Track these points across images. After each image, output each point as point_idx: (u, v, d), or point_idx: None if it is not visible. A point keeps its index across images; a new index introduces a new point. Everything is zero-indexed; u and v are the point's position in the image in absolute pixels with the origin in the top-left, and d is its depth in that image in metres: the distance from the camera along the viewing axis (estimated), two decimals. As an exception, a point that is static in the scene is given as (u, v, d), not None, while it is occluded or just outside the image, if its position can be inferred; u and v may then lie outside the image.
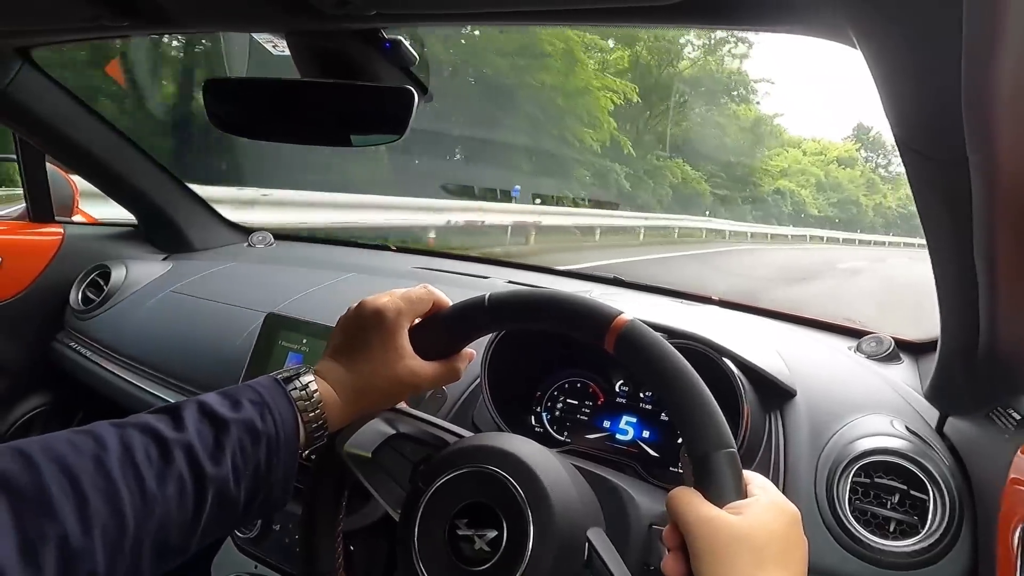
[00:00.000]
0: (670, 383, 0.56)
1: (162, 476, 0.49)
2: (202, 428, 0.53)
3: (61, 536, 0.43)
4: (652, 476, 0.84)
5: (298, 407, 0.59)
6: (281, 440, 0.56)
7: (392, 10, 0.71)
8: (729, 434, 0.54)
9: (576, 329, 0.61)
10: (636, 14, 0.61)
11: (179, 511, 0.50)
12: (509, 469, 0.59)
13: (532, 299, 0.64)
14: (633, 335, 0.58)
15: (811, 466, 0.83)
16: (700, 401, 0.54)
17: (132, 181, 1.56)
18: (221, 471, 0.52)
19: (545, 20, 0.69)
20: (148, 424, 0.51)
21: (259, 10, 0.74)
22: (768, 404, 0.90)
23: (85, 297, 1.55)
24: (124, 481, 0.47)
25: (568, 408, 1.01)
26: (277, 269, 1.59)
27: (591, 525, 0.60)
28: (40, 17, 0.89)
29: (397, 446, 0.66)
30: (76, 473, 0.45)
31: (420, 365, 0.64)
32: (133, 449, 0.49)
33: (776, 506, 0.52)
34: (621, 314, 0.59)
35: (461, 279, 1.45)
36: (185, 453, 0.51)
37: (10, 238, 1.52)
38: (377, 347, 0.63)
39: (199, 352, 1.28)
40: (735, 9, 0.58)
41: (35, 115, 1.30)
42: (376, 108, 0.77)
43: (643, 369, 0.57)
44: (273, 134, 0.85)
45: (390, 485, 0.66)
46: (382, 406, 0.67)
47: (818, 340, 1.14)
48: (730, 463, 0.53)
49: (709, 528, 0.49)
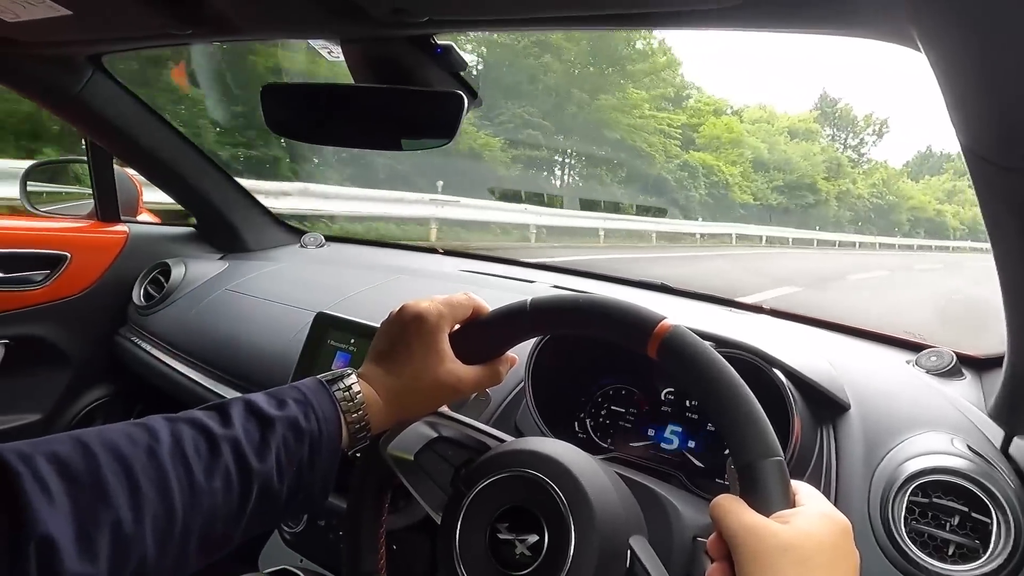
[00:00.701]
0: (715, 390, 0.54)
1: (210, 469, 0.51)
2: (248, 425, 0.55)
3: (115, 522, 0.45)
4: (697, 487, 0.83)
5: (341, 407, 0.60)
6: (324, 439, 0.57)
7: (444, 16, 0.72)
8: (776, 442, 0.52)
9: (618, 334, 0.60)
10: (696, 17, 0.60)
11: (225, 503, 0.52)
12: (550, 473, 0.59)
13: (574, 304, 0.63)
14: (677, 341, 0.56)
15: (864, 483, 0.80)
16: (746, 408, 0.53)
17: (193, 183, 1.62)
18: (266, 466, 0.54)
19: (602, 24, 0.68)
20: (198, 420, 0.53)
21: (316, 18, 0.76)
22: (820, 417, 0.87)
23: (147, 293, 1.62)
24: (174, 472, 0.49)
25: (612, 415, 1.00)
26: (327, 270, 1.63)
27: (634, 532, 0.60)
28: (112, 27, 0.94)
29: (439, 449, 0.67)
30: (130, 462, 0.47)
31: (461, 369, 0.65)
32: (183, 442, 0.51)
33: (825, 516, 0.50)
34: (664, 319, 0.58)
35: (507, 283, 1.45)
36: (232, 448, 0.52)
37: (80, 236, 1.60)
38: (418, 351, 0.64)
39: (251, 349, 1.32)
40: (796, 12, 0.57)
41: (105, 119, 1.36)
42: (427, 112, 0.78)
43: (687, 376, 0.56)
44: (327, 138, 0.87)
45: (431, 488, 0.66)
46: (424, 409, 0.67)
47: (874, 353, 1.10)
48: (777, 471, 0.51)
49: (754, 537, 0.48)
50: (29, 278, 1.48)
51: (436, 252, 1.87)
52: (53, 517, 0.42)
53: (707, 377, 0.55)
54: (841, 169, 32.98)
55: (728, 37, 48.58)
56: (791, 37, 7.08)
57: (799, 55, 39.00)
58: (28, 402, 1.54)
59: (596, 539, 0.56)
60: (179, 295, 1.58)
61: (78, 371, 1.61)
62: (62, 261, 1.53)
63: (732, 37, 25.97)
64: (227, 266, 1.68)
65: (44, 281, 1.50)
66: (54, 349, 1.55)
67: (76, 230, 1.61)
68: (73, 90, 1.25)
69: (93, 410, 1.65)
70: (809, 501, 0.51)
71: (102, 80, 1.28)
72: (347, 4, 0.68)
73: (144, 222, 1.77)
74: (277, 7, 0.78)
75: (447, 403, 0.69)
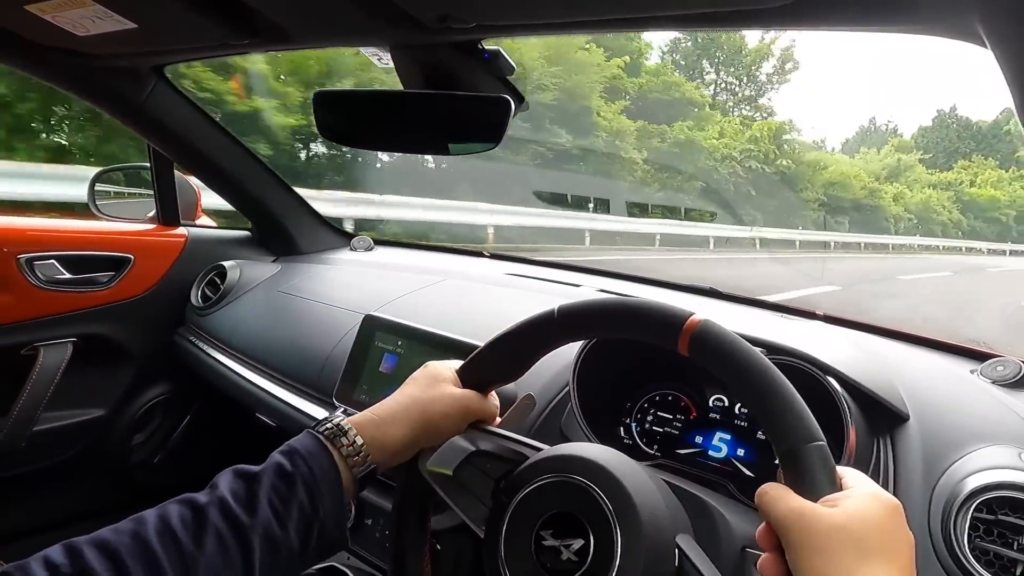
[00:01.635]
0: (749, 380, 0.53)
1: (198, 535, 0.53)
2: (235, 485, 0.57)
3: None
4: (746, 496, 0.81)
5: (331, 444, 0.62)
6: (318, 477, 0.60)
7: (491, 21, 0.72)
8: (816, 426, 0.51)
9: (649, 334, 0.60)
10: (751, 16, 0.59)
11: (226, 565, 0.54)
12: (594, 478, 0.58)
13: (601, 307, 0.63)
14: (707, 335, 0.56)
15: (924, 498, 0.77)
16: (782, 396, 0.52)
17: (249, 188, 1.68)
18: (259, 519, 0.56)
19: (653, 26, 0.68)
20: (186, 497, 0.57)
21: (366, 26, 0.78)
22: (877, 428, 0.84)
23: (204, 295, 1.68)
24: (161, 547, 0.52)
25: (659, 421, 0.99)
26: (376, 272, 1.65)
27: (680, 531, 0.59)
28: (174, 39, 0.98)
29: (478, 463, 0.67)
30: (115, 548, 0.51)
31: (460, 391, 0.69)
32: (169, 518, 0.54)
33: (875, 497, 0.48)
34: (693, 315, 0.57)
35: (553, 287, 1.45)
36: (219, 509, 0.55)
37: (142, 239, 1.67)
38: (422, 382, 0.70)
39: (302, 349, 1.35)
40: (854, 10, 0.55)
41: (166, 127, 1.42)
42: (474, 117, 0.79)
43: (720, 369, 0.55)
44: (377, 143, 0.89)
45: (472, 502, 0.66)
46: (441, 432, 0.68)
47: (934, 361, 1.05)
48: (820, 456, 0.50)
49: (803, 521, 0.47)
50: (96, 279, 1.55)
51: (482, 255, 1.88)
52: None
53: (740, 368, 0.54)
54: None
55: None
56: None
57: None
58: (93, 398, 1.61)
59: (642, 541, 0.55)
60: (234, 296, 1.63)
61: (140, 369, 1.68)
62: (126, 263, 1.59)
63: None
64: (280, 268, 1.73)
65: (109, 282, 1.57)
66: (118, 347, 1.62)
67: (139, 233, 1.68)
68: (138, 99, 1.31)
69: (153, 407, 1.72)
70: (856, 484, 0.50)
71: (164, 89, 1.33)
72: (397, 11, 0.70)
73: (202, 225, 1.83)
74: (329, 16, 0.80)
75: (460, 425, 0.69)
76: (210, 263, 1.73)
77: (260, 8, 0.80)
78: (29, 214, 1.61)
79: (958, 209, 33.91)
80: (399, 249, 1.98)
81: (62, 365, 1.49)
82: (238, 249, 1.83)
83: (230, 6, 0.79)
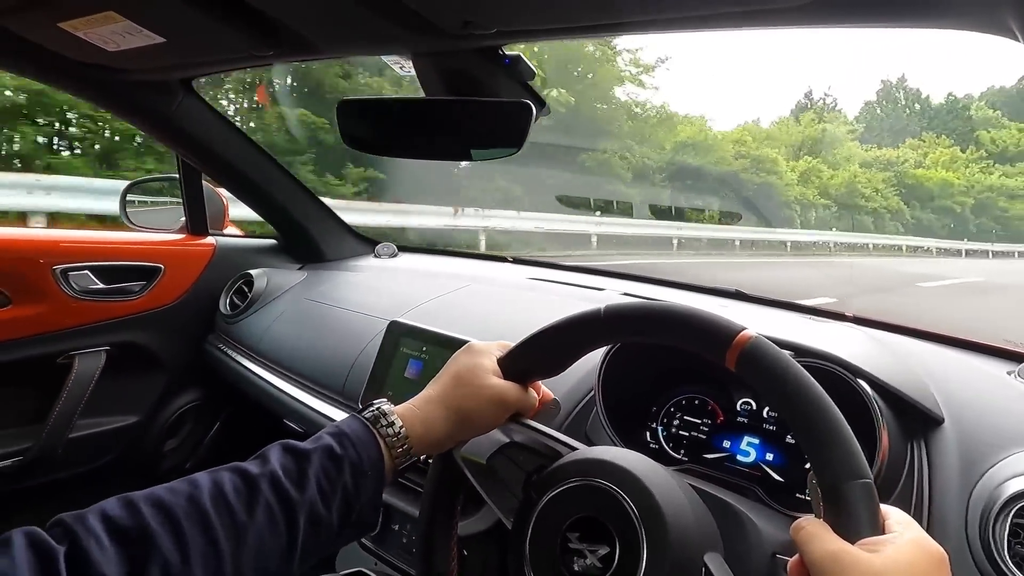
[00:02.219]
0: (797, 405, 0.51)
1: (250, 505, 0.54)
2: (285, 461, 0.58)
3: (163, 563, 0.49)
4: (776, 502, 0.79)
5: (377, 430, 0.63)
6: (365, 463, 0.61)
7: (512, 27, 0.72)
8: (864, 462, 0.49)
9: (695, 343, 0.59)
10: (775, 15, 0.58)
11: (273, 537, 0.55)
12: (622, 484, 0.58)
13: (650, 311, 0.62)
14: (757, 352, 0.54)
15: (961, 504, 0.75)
16: (831, 425, 0.50)
17: (275, 197, 1.70)
18: (307, 496, 0.57)
19: (675, 27, 0.67)
20: (238, 466, 0.58)
21: (388, 34, 0.79)
22: (910, 432, 0.82)
23: (232, 303, 1.71)
24: (215, 512, 0.53)
25: (685, 425, 0.98)
26: (400, 279, 1.67)
27: (708, 548, 0.58)
28: (201, 52, 1.00)
29: (511, 454, 0.67)
30: (172, 509, 0.52)
31: (504, 383, 0.68)
32: (223, 485, 0.55)
33: (918, 545, 0.46)
34: (744, 329, 0.56)
35: (576, 291, 1.44)
36: (270, 483, 0.56)
37: (172, 248, 1.70)
38: (465, 369, 0.68)
39: (328, 355, 1.36)
40: (874, 5, 0.54)
41: (194, 138, 1.45)
42: (496, 122, 0.79)
43: (767, 389, 0.54)
44: (401, 150, 0.89)
45: (503, 492, 0.67)
46: (477, 423, 0.68)
47: (969, 363, 1.03)
48: (865, 495, 0.48)
49: (839, 565, 0.44)
50: (128, 289, 1.58)
51: (505, 260, 1.89)
52: (106, 562, 0.47)
53: (789, 391, 0.52)
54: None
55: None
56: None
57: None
58: (127, 405, 1.65)
59: (669, 554, 0.55)
60: (261, 304, 1.65)
61: (171, 376, 1.71)
62: (157, 272, 1.63)
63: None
64: (306, 276, 1.75)
65: (141, 291, 1.60)
66: (150, 355, 1.65)
67: (169, 243, 1.71)
68: (167, 112, 1.34)
69: (184, 413, 1.75)
70: (901, 528, 0.48)
71: (192, 101, 1.36)
72: (418, 19, 0.70)
73: (230, 235, 1.86)
74: (351, 26, 0.81)
75: (500, 419, 0.69)
76: (238, 271, 1.75)
77: (284, 19, 0.81)
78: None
79: (898, 195, 26.28)
80: (422, 255, 1.99)
81: (96, 373, 1.53)
82: (265, 257, 1.85)
83: (254, 18, 0.80)
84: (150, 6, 0.80)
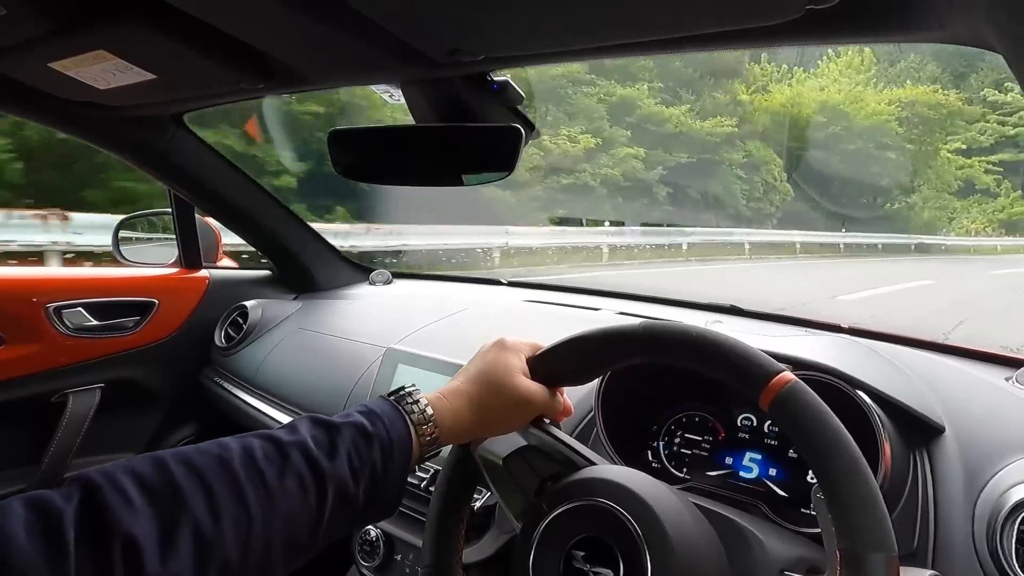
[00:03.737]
0: (829, 461, 0.50)
1: (281, 472, 0.53)
2: (316, 432, 0.57)
3: (194, 524, 0.47)
4: (781, 517, 0.79)
5: (407, 413, 0.62)
6: (394, 443, 0.60)
7: (499, 53, 0.73)
8: (892, 535, 0.47)
9: (728, 377, 0.57)
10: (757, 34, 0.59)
11: (303, 506, 0.53)
12: (627, 506, 0.58)
13: (689, 336, 0.60)
14: (794, 398, 0.52)
15: (967, 513, 0.74)
16: (863, 490, 0.48)
17: (268, 228, 1.70)
18: (337, 468, 0.55)
19: (662, 49, 0.68)
20: (266, 433, 0.56)
21: (377, 63, 0.80)
22: (912, 442, 0.82)
23: (227, 335, 1.70)
24: (247, 475, 0.51)
25: (687, 443, 0.97)
26: (396, 305, 1.66)
27: (713, 573, 0.57)
28: (192, 86, 1.01)
29: (528, 458, 0.67)
30: (202, 470, 0.50)
31: (531, 383, 0.67)
32: (253, 449, 0.53)
33: None
34: (783, 371, 0.54)
35: (572, 311, 1.45)
36: (301, 452, 0.55)
37: (166, 283, 1.70)
38: (493, 365, 0.68)
39: (325, 385, 1.36)
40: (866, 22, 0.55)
41: (186, 172, 1.45)
42: (487, 147, 0.80)
43: (800, 437, 0.52)
44: (392, 178, 0.90)
45: (515, 493, 0.66)
46: (499, 421, 0.67)
47: (967, 370, 1.03)
48: (887, 569, 0.46)
49: None
50: (122, 325, 1.57)
51: (500, 283, 1.89)
52: (134, 520, 0.45)
53: (822, 445, 0.50)
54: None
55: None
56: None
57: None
58: (123, 441, 1.63)
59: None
60: (257, 336, 1.65)
61: (167, 411, 1.69)
62: (151, 307, 1.62)
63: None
64: (300, 306, 1.75)
65: (135, 327, 1.59)
66: (145, 391, 1.64)
67: (162, 277, 1.71)
68: (159, 147, 1.34)
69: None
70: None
71: (184, 136, 1.37)
72: (406, 48, 0.71)
73: (223, 267, 1.86)
74: (341, 57, 0.82)
75: (524, 422, 0.68)
76: (232, 304, 1.75)
77: (273, 53, 0.82)
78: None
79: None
80: (417, 281, 1.99)
81: (91, 411, 1.51)
82: (259, 289, 1.85)
83: (244, 52, 0.81)
84: (140, 44, 0.81)
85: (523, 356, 0.69)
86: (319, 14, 0.67)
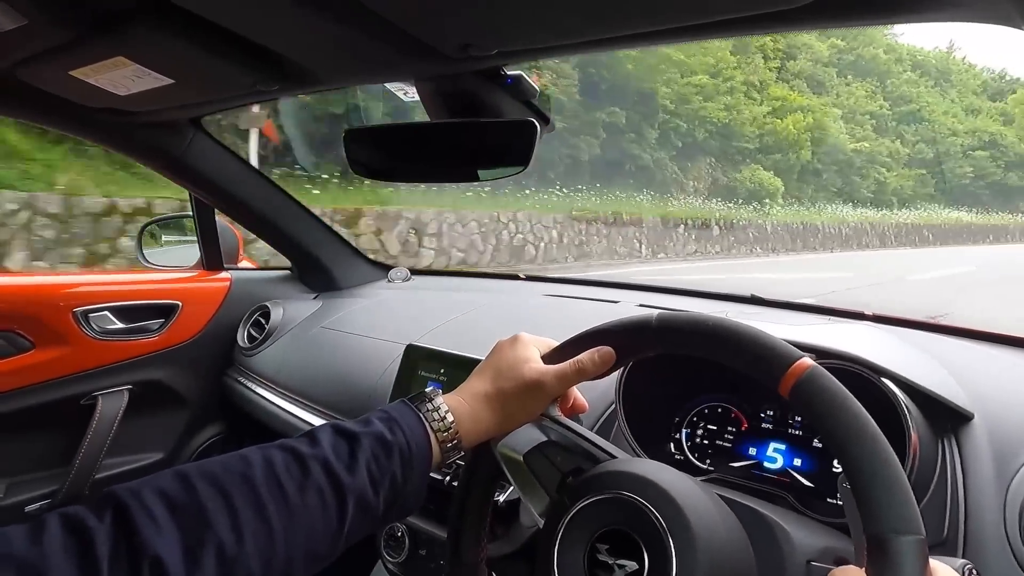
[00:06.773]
0: (851, 445, 0.49)
1: (302, 487, 0.54)
2: (337, 443, 0.58)
3: (218, 543, 0.48)
4: (807, 507, 0.78)
5: (427, 421, 0.62)
6: (414, 451, 0.60)
7: (512, 47, 0.73)
8: (919, 518, 0.46)
9: (747, 365, 0.57)
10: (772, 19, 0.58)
11: (323, 519, 0.54)
12: (651, 499, 0.57)
13: (704, 325, 0.60)
14: (814, 384, 0.52)
15: (998, 501, 0.73)
16: (887, 472, 0.47)
17: (287, 230, 1.72)
18: (358, 481, 0.56)
19: (672, 38, 0.68)
20: (288, 444, 0.57)
21: (390, 61, 0.80)
22: (940, 430, 0.81)
23: (249, 335, 1.72)
24: (269, 492, 0.52)
25: (709, 434, 0.97)
26: (415, 302, 1.67)
27: (739, 564, 0.57)
28: (209, 90, 1.02)
29: (548, 453, 0.67)
30: (227, 488, 0.51)
31: (543, 365, 0.67)
32: (275, 465, 0.54)
33: None
34: (802, 358, 0.53)
35: (591, 304, 1.44)
36: (322, 466, 0.56)
37: (189, 286, 1.72)
38: (506, 357, 0.69)
39: (346, 383, 1.37)
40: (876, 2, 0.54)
41: (206, 175, 1.47)
42: (502, 142, 0.80)
43: (821, 423, 0.51)
44: (408, 175, 0.90)
45: (537, 490, 0.66)
46: (515, 411, 0.67)
47: (994, 356, 1.01)
48: (915, 553, 0.44)
49: None
50: (147, 327, 1.60)
51: (518, 278, 1.89)
52: (161, 540, 0.46)
53: (844, 430, 0.49)
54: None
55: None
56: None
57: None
58: (150, 443, 1.66)
59: (698, 570, 0.54)
60: (279, 335, 1.67)
61: (193, 412, 1.72)
62: (174, 310, 1.64)
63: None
64: (321, 305, 1.76)
65: (159, 329, 1.62)
66: (171, 392, 1.67)
67: (185, 280, 1.73)
68: (178, 151, 1.36)
69: (208, 448, 1.75)
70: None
71: (202, 139, 1.38)
72: (419, 45, 0.71)
73: (245, 268, 1.88)
74: (354, 57, 0.82)
75: (540, 407, 0.68)
76: (254, 304, 1.77)
77: (288, 54, 0.83)
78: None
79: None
80: (435, 277, 2.00)
81: (119, 413, 1.54)
82: (280, 288, 1.87)
83: (259, 54, 0.81)
84: (158, 49, 0.82)
85: (537, 351, 0.69)
86: (332, 14, 0.67)
